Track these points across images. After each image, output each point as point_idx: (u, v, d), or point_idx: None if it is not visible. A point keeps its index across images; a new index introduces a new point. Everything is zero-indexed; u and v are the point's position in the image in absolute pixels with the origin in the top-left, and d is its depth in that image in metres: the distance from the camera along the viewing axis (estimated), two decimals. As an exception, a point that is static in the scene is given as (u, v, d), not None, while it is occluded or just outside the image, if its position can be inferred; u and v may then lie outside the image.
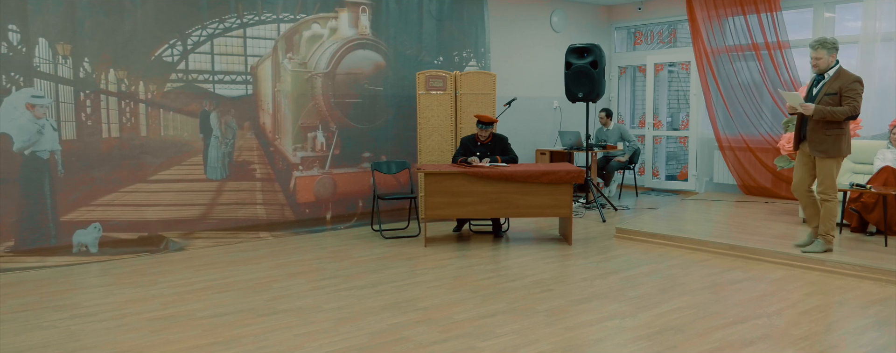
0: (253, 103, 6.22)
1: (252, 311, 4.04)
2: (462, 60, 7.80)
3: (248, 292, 4.46)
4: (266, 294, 4.39)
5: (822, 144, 4.85)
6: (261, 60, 6.24)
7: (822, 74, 4.90)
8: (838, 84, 4.77)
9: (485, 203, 5.76)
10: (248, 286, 4.59)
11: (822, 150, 4.86)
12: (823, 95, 4.82)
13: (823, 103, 4.80)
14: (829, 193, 4.93)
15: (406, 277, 4.83)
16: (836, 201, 4.98)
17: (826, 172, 4.90)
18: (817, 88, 4.92)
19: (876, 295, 4.30)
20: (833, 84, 4.80)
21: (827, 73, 4.87)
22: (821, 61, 4.84)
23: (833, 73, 4.85)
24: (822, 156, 4.87)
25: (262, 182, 6.32)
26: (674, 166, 9.67)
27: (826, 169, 4.89)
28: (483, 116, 6.16)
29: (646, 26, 9.61)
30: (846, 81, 4.77)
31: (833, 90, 4.78)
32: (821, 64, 4.85)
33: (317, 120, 6.63)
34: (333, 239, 6.26)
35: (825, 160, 4.88)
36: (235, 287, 4.58)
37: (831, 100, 4.78)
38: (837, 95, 4.76)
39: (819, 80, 4.94)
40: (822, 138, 4.85)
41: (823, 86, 4.86)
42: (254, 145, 6.25)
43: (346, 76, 6.80)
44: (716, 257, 5.39)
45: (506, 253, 5.67)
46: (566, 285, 4.62)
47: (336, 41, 6.72)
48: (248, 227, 6.19)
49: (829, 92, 4.80)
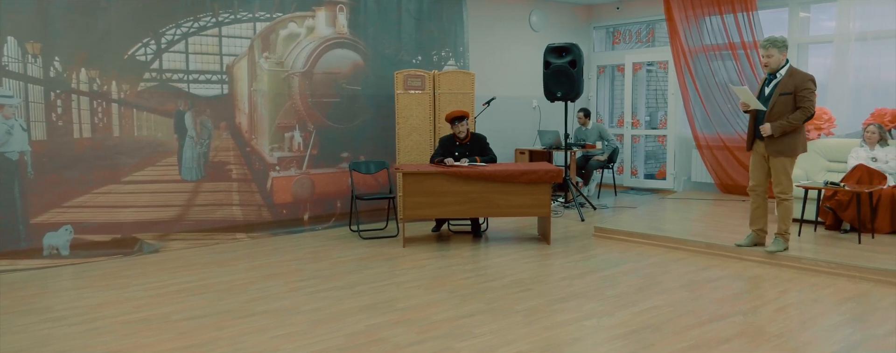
0: (229, 103, 6.18)
1: (228, 313, 4.01)
2: (441, 59, 7.80)
3: (225, 294, 4.43)
4: (243, 296, 4.36)
5: (779, 145, 4.90)
6: (237, 59, 6.20)
7: (774, 74, 4.95)
8: (793, 84, 4.82)
9: (464, 203, 5.76)
10: (224, 288, 4.56)
11: (778, 150, 4.91)
12: (778, 96, 4.86)
13: (779, 104, 4.84)
14: (786, 192, 4.99)
15: (384, 277, 4.83)
16: (792, 200, 5.06)
17: (782, 171, 4.96)
18: (770, 88, 4.97)
19: (850, 292, 4.37)
20: (787, 84, 4.85)
21: (779, 72, 4.92)
22: (772, 60, 4.88)
23: (785, 72, 4.90)
24: (778, 155, 4.92)
25: (239, 183, 6.28)
26: (652, 165, 9.76)
27: (782, 168, 4.95)
28: (452, 112, 6.16)
29: (624, 26, 9.68)
30: (800, 80, 4.81)
31: (787, 90, 4.83)
32: (772, 63, 4.89)
33: (294, 120, 6.60)
34: (311, 240, 6.23)
35: (780, 159, 4.93)
36: (211, 289, 4.54)
37: (787, 100, 4.83)
38: (792, 94, 4.81)
39: (771, 79, 4.99)
40: (778, 139, 4.89)
41: (777, 86, 4.91)
42: (230, 146, 6.20)
43: (323, 76, 6.78)
44: (693, 255, 5.44)
45: (485, 253, 5.68)
46: (545, 284, 4.64)
47: (313, 40, 6.69)
48: (224, 228, 6.14)
49: (784, 92, 4.84)
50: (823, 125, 6.92)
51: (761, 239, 5.29)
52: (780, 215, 5.09)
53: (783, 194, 5.00)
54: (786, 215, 5.07)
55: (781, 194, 5.00)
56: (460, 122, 6.15)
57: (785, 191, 4.99)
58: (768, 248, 5.14)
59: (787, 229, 5.12)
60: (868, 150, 6.06)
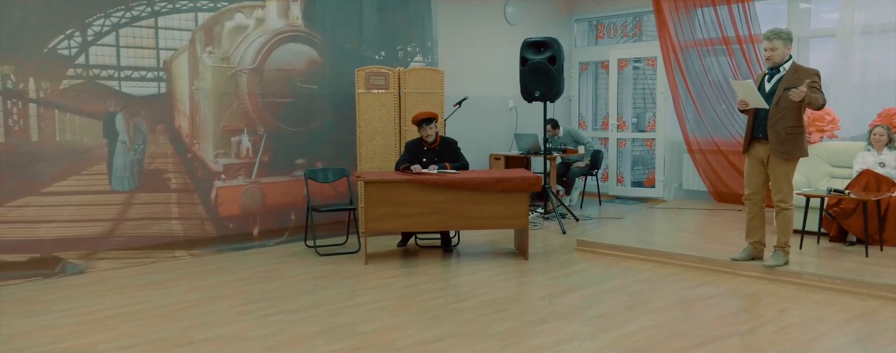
0: (167, 103, 6.10)
1: (165, 342, 3.94)
2: (407, 55, 7.78)
3: (161, 320, 4.36)
4: (182, 322, 4.30)
5: (785, 144, 4.94)
6: (176, 53, 6.13)
7: (776, 68, 5.02)
8: (800, 78, 4.88)
9: (432, 214, 5.74)
10: (161, 313, 4.49)
11: (784, 150, 4.96)
12: (783, 91, 4.92)
13: (784, 99, 4.88)
14: (786, 200, 5.05)
15: (344, 298, 4.80)
16: (793, 210, 5.12)
17: (783, 177, 5.01)
18: (772, 84, 5.03)
19: (856, 310, 4.41)
20: (793, 78, 4.91)
21: (782, 66, 4.99)
22: (776, 53, 4.96)
23: (789, 66, 4.98)
24: (785, 157, 4.97)
25: (179, 193, 6.21)
26: (640, 172, 9.83)
27: (784, 173, 5.01)
28: (419, 114, 6.16)
29: (608, 18, 9.76)
30: (807, 74, 4.90)
31: (794, 84, 4.88)
32: (775, 56, 4.97)
33: (242, 122, 6.54)
34: (262, 257, 6.18)
35: (784, 164, 4.99)
36: (146, 315, 4.46)
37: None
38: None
39: (772, 74, 5.06)
40: (785, 137, 4.94)
41: (780, 81, 4.97)
42: (168, 152, 6.13)
43: (275, 73, 6.73)
44: (685, 270, 5.47)
45: (456, 270, 5.68)
46: (522, 304, 4.64)
47: (263, 33, 6.64)
48: (161, 245, 6.06)
49: (790, 86, 4.89)
50: (826, 127, 7.01)
51: (759, 253, 5.33)
52: (780, 225, 5.14)
53: (783, 203, 5.05)
54: (786, 226, 5.11)
55: (781, 202, 5.05)
56: (429, 124, 6.14)
57: (785, 199, 5.04)
58: (767, 262, 5.18)
59: (787, 241, 5.16)
60: (875, 154, 6.16)
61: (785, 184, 5.02)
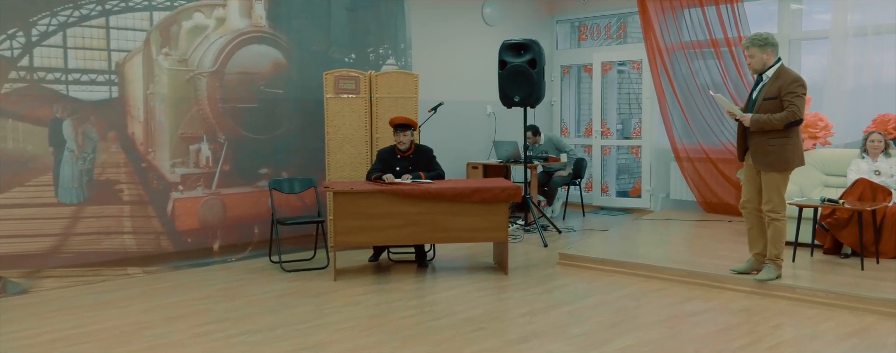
0: (119, 109, 6.05)
1: (115, 366, 3.89)
2: (378, 57, 7.78)
3: (114, 342, 4.32)
4: (137, 345, 4.27)
5: (767, 156, 5.02)
6: (129, 55, 6.08)
7: (761, 76, 5.09)
8: (777, 86, 4.96)
9: (406, 227, 5.74)
10: (112, 336, 4.44)
11: (766, 163, 5.03)
12: (762, 101, 4.99)
13: (763, 109, 4.97)
14: (777, 210, 5.10)
15: (312, 317, 4.79)
16: (785, 220, 5.17)
17: (772, 187, 5.07)
18: (757, 92, 5.11)
19: (852, 326, 4.46)
20: (771, 87, 4.98)
21: (765, 73, 5.06)
22: (754, 60, 5.04)
23: (772, 73, 5.04)
24: (768, 169, 5.04)
25: (132, 206, 6.15)
26: (625, 181, 9.90)
27: (772, 184, 5.06)
28: (398, 118, 6.15)
29: (592, 20, 9.85)
30: (785, 82, 4.94)
31: (772, 94, 4.96)
32: (754, 63, 5.05)
33: (201, 129, 6.50)
34: (222, 274, 6.15)
35: (771, 174, 5.05)
36: (97, 338, 4.41)
37: (771, 105, 4.95)
38: (777, 98, 4.94)
39: (758, 82, 5.13)
40: (766, 150, 5.01)
41: (762, 89, 5.05)
42: (120, 161, 6.08)
43: (237, 76, 6.70)
44: (673, 285, 5.50)
45: (431, 286, 5.69)
46: (501, 322, 4.65)
47: (224, 34, 6.62)
48: (113, 262, 6.01)
49: (768, 96, 4.97)
50: (819, 133, 7.09)
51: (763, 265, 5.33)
52: (771, 237, 5.18)
53: (774, 213, 5.10)
54: (777, 238, 5.16)
55: (771, 212, 5.10)
56: (404, 131, 6.14)
57: (775, 209, 5.09)
58: (758, 276, 5.23)
59: (778, 253, 5.20)
60: (870, 162, 6.25)
61: (774, 194, 5.06)
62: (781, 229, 5.14)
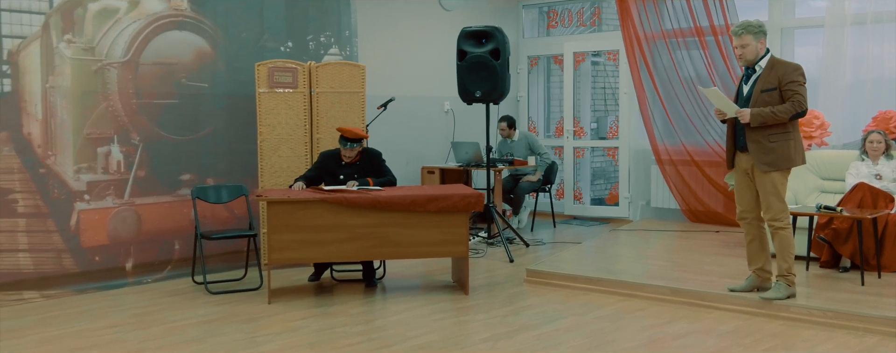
0: (12, 105, 5.97)
1: (9, 407, 3.81)
2: (319, 46, 7.76)
3: (5, 378, 4.22)
4: (32, 381, 4.16)
5: (768, 155, 5.08)
6: (24, 43, 6.01)
7: (752, 67, 5.18)
8: (776, 76, 5.05)
9: (352, 241, 5.74)
10: (4, 371, 4.35)
11: (768, 161, 5.09)
12: (759, 93, 5.08)
13: (761, 103, 5.05)
14: (780, 217, 5.16)
15: (242, 346, 4.75)
16: (790, 228, 5.25)
17: (771, 191, 5.14)
18: (749, 85, 5.20)
19: (853, 348, 4.55)
20: (769, 78, 5.07)
21: (757, 64, 5.15)
22: (747, 50, 5.11)
23: (765, 64, 5.14)
24: (770, 169, 5.10)
25: (28, 219, 6.07)
26: (601, 187, 9.98)
27: (771, 187, 5.13)
28: (348, 129, 6.13)
29: (562, 5, 9.92)
30: (785, 72, 5.05)
31: (770, 85, 5.04)
32: (747, 53, 5.12)
33: (111, 129, 6.43)
34: (137, 297, 6.08)
35: (769, 175, 5.11)
36: (-15, 373, 4.31)
37: (770, 97, 5.03)
38: (776, 90, 5.03)
39: (749, 74, 5.22)
40: (767, 148, 5.08)
41: (757, 81, 5.13)
42: (14, 166, 5.99)
43: (154, 67, 6.64)
44: (655, 304, 5.55)
45: (381, 309, 5.69)
46: (461, 349, 4.65)
47: (139, 19, 6.55)
48: (5, 285, 5.91)
49: (766, 88, 5.05)
50: (814, 133, 7.17)
51: (765, 281, 5.37)
52: (778, 248, 5.22)
53: (777, 221, 5.16)
54: (785, 249, 5.19)
55: (774, 220, 5.16)
56: (353, 146, 6.14)
57: (777, 216, 5.15)
58: (765, 295, 5.24)
59: (789, 267, 5.19)
60: (870, 164, 6.37)
61: (774, 199, 5.12)
62: (788, 239, 5.19)
